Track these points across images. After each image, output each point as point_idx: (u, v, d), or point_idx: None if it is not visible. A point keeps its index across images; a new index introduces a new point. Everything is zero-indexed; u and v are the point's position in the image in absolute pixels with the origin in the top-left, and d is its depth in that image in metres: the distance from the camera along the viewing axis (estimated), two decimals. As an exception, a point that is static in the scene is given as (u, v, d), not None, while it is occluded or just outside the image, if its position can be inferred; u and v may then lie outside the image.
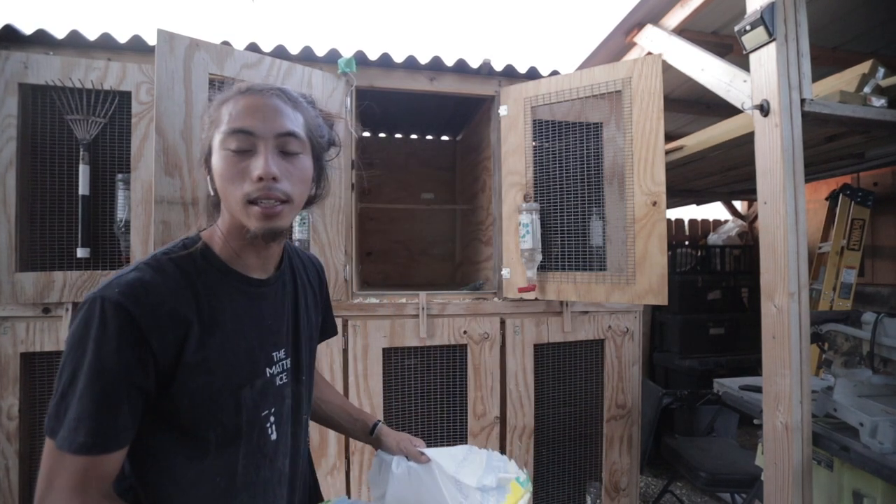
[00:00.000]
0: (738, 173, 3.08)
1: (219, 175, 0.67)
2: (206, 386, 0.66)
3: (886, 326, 1.36)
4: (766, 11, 1.35)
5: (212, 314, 0.68)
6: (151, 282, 0.63)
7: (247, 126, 0.66)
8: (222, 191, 0.68)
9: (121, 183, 1.63)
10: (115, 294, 0.60)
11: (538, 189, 1.87)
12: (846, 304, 2.83)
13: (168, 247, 0.70)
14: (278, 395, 0.75)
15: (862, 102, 1.51)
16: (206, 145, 0.71)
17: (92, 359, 0.58)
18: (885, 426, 1.30)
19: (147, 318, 0.61)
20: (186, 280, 0.67)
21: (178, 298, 0.65)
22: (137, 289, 0.62)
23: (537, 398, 1.95)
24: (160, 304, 0.62)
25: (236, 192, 0.66)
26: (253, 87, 0.70)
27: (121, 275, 0.64)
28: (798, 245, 1.36)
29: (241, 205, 0.66)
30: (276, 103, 0.69)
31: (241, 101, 0.68)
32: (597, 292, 1.75)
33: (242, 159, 0.66)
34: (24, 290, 1.54)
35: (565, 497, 2.04)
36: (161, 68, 1.42)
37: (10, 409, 1.56)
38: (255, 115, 0.67)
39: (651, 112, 1.63)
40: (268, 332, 0.75)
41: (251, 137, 0.66)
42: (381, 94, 1.98)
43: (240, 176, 0.66)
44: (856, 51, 2.23)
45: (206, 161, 0.71)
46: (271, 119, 0.67)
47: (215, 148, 0.68)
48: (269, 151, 0.66)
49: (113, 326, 0.59)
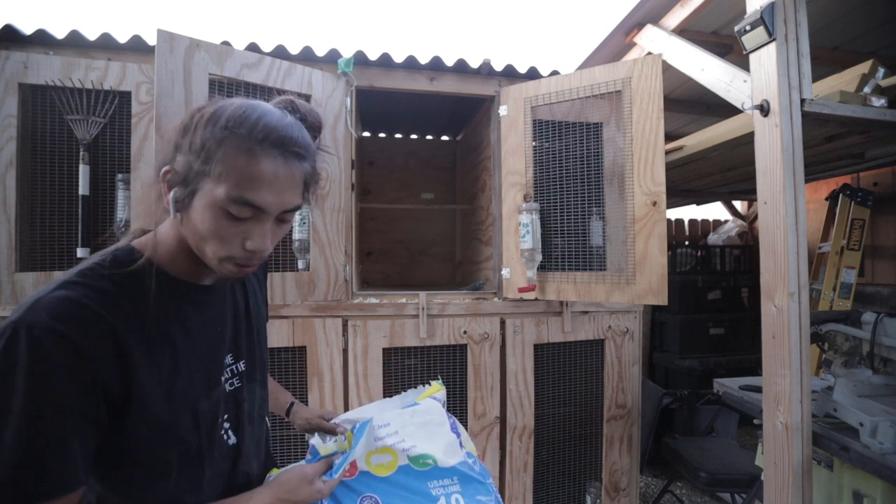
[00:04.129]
0: (738, 173, 3.08)
1: (206, 230, 0.59)
2: (164, 409, 0.61)
3: (886, 326, 1.36)
4: (766, 11, 1.34)
5: (161, 332, 0.62)
6: (85, 301, 0.55)
7: (258, 202, 0.58)
8: (199, 239, 0.61)
9: (121, 183, 1.63)
10: (43, 318, 0.52)
11: (538, 189, 1.87)
12: (846, 304, 2.83)
13: (95, 260, 0.61)
14: (231, 401, 0.73)
15: (862, 102, 1.51)
16: (192, 179, 0.59)
17: (26, 398, 0.50)
18: (885, 426, 1.30)
19: (88, 342, 0.53)
20: (128, 297, 0.59)
21: (119, 318, 0.57)
22: (71, 309, 0.54)
23: (537, 398, 1.95)
24: (99, 324, 0.55)
25: (219, 251, 0.60)
26: (274, 141, 0.59)
27: (41, 295, 0.54)
28: (798, 245, 1.36)
29: (218, 260, 0.61)
30: (292, 172, 0.61)
31: (257, 163, 0.58)
32: (597, 292, 1.75)
33: (239, 225, 0.59)
34: (24, 290, 1.54)
35: (565, 497, 2.04)
36: (161, 68, 1.42)
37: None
38: (270, 189, 0.59)
39: (651, 112, 1.63)
40: (219, 339, 0.72)
41: (257, 211, 0.59)
42: (381, 94, 1.98)
43: (231, 240, 0.60)
44: (856, 51, 2.23)
45: (181, 185, 0.60)
46: (284, 195, 0.60)
47: (209, 198, 0.58)
48: (269, 227, 0.61)
49: (49, 356, 0.51)
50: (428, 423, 0.89)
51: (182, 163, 0.60)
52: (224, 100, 0.64)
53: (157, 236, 0.66)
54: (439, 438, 0.87)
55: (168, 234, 0.66)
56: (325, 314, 1.77)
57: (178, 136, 0.62)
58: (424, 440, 0.85)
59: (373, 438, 0.82)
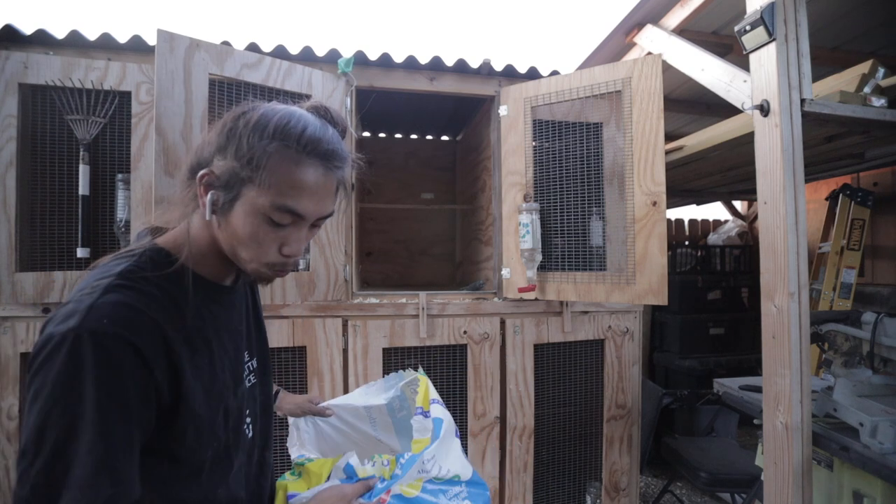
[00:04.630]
0: (738, 173, 3.08)
1: (246, 235, 0.61)
2: (205, 408, 0.62)
3: (886, 326, 1.36)
4: (766, 11, 1.34)
5: (199, 334, 0.64)
6: (139, 306, 0.56)
7: (300, 209, 0.61)
8: (236, 243, 0.62)
9: (121, 183, 1.63)
10: (106, 325, 0.52)
11: (538, 189, 1.87)
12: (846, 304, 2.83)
13: (131, 262, 0.61)
14: (250, 396, 0.75)
15: (862, 102, 1.51)
16: (236, 183, 0.60)
17: (95, 403, 0.50)
18: (885, 426, 1.30)
19: (149, 348, 0.54)
20: (171, 301, 0.61)
21: (168, 323, 0.58)
22: (129, 315, 0.54)
23: (537, 398, 1.95)
24: (154, 331, 0.56)
25: (257, 256, 0.63)
26: (322, 153, 0.61)
27: (92, 301, 0.54)
28: (798, 245, 1.36)
29: (256, 265, 0.63)
30: (332, 181, 0.63)
31: (303, 172, 0.60)
32: (597, 292, 1.75)
33: (278, 231, 0.62)
34: (24, 290, 1.54)
35: (565, 497, 2.04)
36: (161, 68, 1.42)
37: (11, 409, 1.56)
38: (312, 198, 0.61)
39: (651, 112, 1.63)
40: (240, 338, 0.74)
41: (296, 217, 0.62)
42: (381, 94, 1.98)
43: (269, 245, 0.62)
44: (856, 51, 2.23)
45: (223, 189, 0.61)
46: (323, 202, 0.63)
47: (251, 203, 0.60)
48: (306, 232, 0.64)
49: (117, 363, 0.52)
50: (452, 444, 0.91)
51: (224, 167, 0.61)
52: (264, 105, 0.64)
53: (181, 236, 0.66)
54: (456, 451, 0.91)
55: (200, 236, 0.66)
56: (325, 314, 1.77)
57: (219, 138, 0.63)
58: (453, 460, 0.88)
59: (417, 471, 0.84)
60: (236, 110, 0.65)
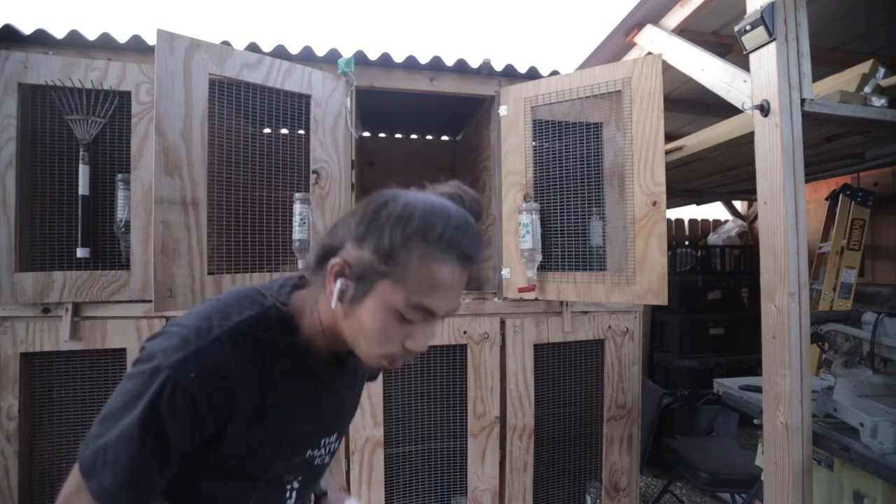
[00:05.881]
0: (738, 173, 3.08)
1: (373, 330, 0.60)
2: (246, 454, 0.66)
3: (886, 326, 1.36)
4: (766, 11, 1.34)
5: (274, 400, 0.65)
6: (226, 367, 0.59)
7: (434, 308, 0.60)
8: (359, 334, 0.61)
9: (121, 183, 1.63)
10: (187, 378, 0.57)
11: (538, 189, 1.87)
12: (846, 304, 2.83)
13: (259, 314, 0.64)
14: (308, 467, 0.75)
15: (862, 102, 1.51)
16: (369, 276, 0.59)
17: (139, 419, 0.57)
18: (886, 426, 1.29)
19: (209, 403, 0.59)
20: (264, 365, 0.63)
21: (246, 388, 0.61)
22: (211, 375, 0.59)
23: (537, 398, 1.95)
24: (228, 391, 0.60)
25: (378, 349, 0.61)
26: (459, 252, 0.59)
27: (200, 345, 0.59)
28: (798, 245, 1.36)
29: (374, 357, 0.62)
30: (464, 279, 0.62)
31: (442, 272, 0.58)
32: (597, 292, 1.75)
33: (405, 327, 0.61)
34: (23, 290, 1.54)
35: (565, 497, 2.04)
36: (161, 68, 1.42)
37: (10, 409, 1.56)
38: (447, 296, 0.60)
39: (651, 112, 1.63)
40: (327, 417, 0.74)
41: (428, 315, 0.61)
42: (381, 94, 1.98)
43: (393, 339, 0.61)
44: (856, 51, 2.23)
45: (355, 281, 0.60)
46: (456, 299, 0.62)
47: (384, 299, 0.59)
48: (433, 327, 0.63)
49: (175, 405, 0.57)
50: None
51: (360, 258, 0.60)
52: (405, 195, 0.63)
53: (311, 309, 0.66)
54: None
55: (324, 316, 0.65)
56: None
57: (358, 227, 0.61)
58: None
59: None
60: (378, 198, 0.62)
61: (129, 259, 1.61)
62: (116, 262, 1.64)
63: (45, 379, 1.61)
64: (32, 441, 1.61)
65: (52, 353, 1.60)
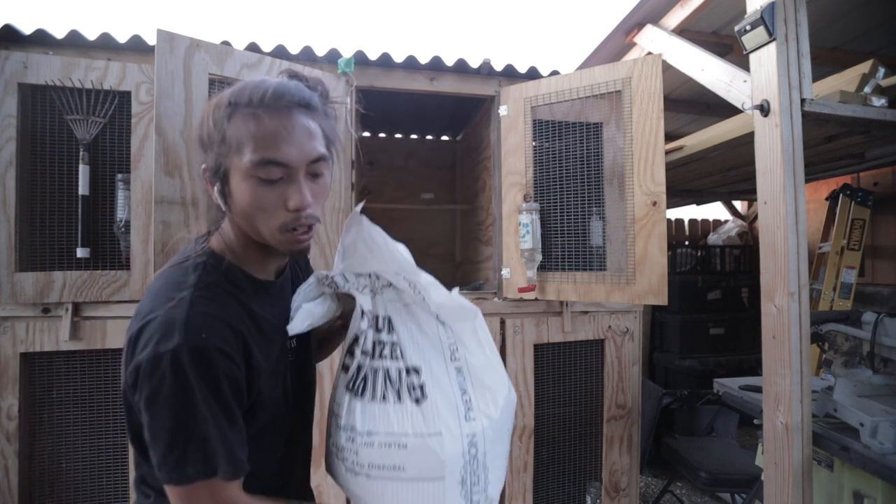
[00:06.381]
0: (738, 173, 3.08)
1: (248, 203, 0.64)
2: (269, 388, 0.70)
3: (886, 326, 1.36)
4: (766, 11, 1.34)
5: (258, 325, 0.69)
6: (222, 315, 0.63)
7: (280, 158, 0.62)
8: (250, 217, 0.65)
9: (121, 183, 1.63)
10: (203, 339, 0.59)
11: (538, 189, 1.87)
12: (846, 304, 2.83)
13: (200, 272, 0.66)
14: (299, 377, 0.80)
15: (862, 102, 1.51)
16: (221, 163, 0.65)
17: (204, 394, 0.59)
18: (886, 426, 1.29)
19: (235, 352, 0.62)
20: (236, 301, 0.67)
21: (241, 324, 0.65)
22: (216, 326, 0.62)
23: (537, 398, 1.95)
24: (237, 335, 0.64)
25: (271, 222, 0.65)
26: (272, 99, 0.63)
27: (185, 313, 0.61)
28: (798, 245, 1.36)
29: (275, 233, 0.66)
30: (304, 123, 0.65)
31: (265, 123, 0.62)
32: (597, 292, 1.75)
33: (275, 188, 0.63)
34: (23, 290, 1.54)
35: (565, 497, 2.04)
36: (161, 68, 1.42)
37: (10, 409, 1.56)
38: (287, 143, 0.62)
39: (651, 112, 1.63)
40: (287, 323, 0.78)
41: (285, 169, 0.63)
42: (381, 94, 1.98)
43: (274, 206, 0.64)
44: (856, 51, 2.23)
45: (216, 176, 0.66)
46: (303, 145, 0.64)
47: (239, 172, 0.63)
48: (303, 181, 0.64)
49: (214, 368, 0.59)
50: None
51: (210, 157, 0.66)
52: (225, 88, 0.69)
53: (224, 237, 0.71)
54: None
55: (231, 233, 0.71)
56: (325, 314, 1.77)
57: (197, 134, 0.68)
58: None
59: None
60: (206, 108, 0.68)
61: (129, 259, 1.61)
62: (116, 262, 1.64)
63: (45, 379, 1.61)
64: (32, 441, 1.61)
65: (52, 353, 1.60)
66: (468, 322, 0.76)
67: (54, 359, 1.62)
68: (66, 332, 1.58)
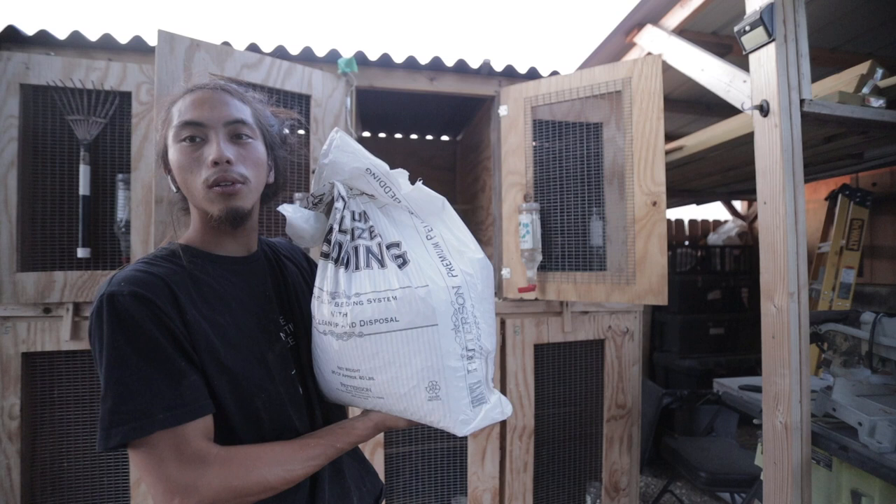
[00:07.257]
0: (738, 173, 3.08)
1: (177, 167, 0.71)
2: (232, 358, 0.69)
3: (885, 326, 1.37)
4: (765, 12, 1.35)
5: (216, 295, 0.71)
6: (151, 270, 0.66)
7: (195, 118, 0.70)
8: (182, 181, 0.71)
9: (121, 183, 1.63)
10: (121, 286, 0.62)
11: (538, 189, 1.87)
12: (845, 304, 2.83)
13: (149, 255, 0.72)
14: (294, 357, 0.80)
15: (860, 103, 1.51)
16: (162, 144, 0.74)
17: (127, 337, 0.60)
18: (884, 426, 1.30)
19: (158, 297, 0.64)
20: (179, 268, 0.70)
21: (176, 284, 0.67)
22: (142, 277, 0.64)
23: (537, 398, 1.96)
24: (163, 288, 0.65)
25: (196, 180, 0.70)
26: (198, 83, 0.74)
27: (117, 274, 0.66)
28: (798, 245, 1.37)
29: (201, 191, 0.70)
30: (222, 96, 0.73)
31: (188, 98, 0.72)
32: (597, 292, 1.75)
33: (196, 148, 0.70)
34: (24, 290, 1.55)
35: (565, 497, 2.04)
36: (161, 69, 1.42)
37: (12, 409, 1.56)
38: (202, 107, 0.70)
39: (651, 112, 1.64)
40: (268, 300, 0.79)
41: (202, 128, 0.70)
42: (381, 94, 1.98)
43: (197, 164, 0.70)
44: (854, 51, 2.23)
45: (163, 159, 0.75)
46: (218, 109, 0.71)
47: (170, 143, 0.72)
48: (220, 138, 0.70)
49: (133, 312, 0.61)
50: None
51: (159, 140, 0.75)
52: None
53: (191, 229, 0.77)
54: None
55: (194, 219, 0.76)
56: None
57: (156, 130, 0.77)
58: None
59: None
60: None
61: (130, 259, 1.62)
62: (117, 262, 1.65)
63: (46, 379, 1.62)
64: (34, 440, 1.61)
65: (53, 352, 1.60)
66: (436, 213, 0.79)
67: (55, 359, 1.62)
68: (66, 332, 1.58)
